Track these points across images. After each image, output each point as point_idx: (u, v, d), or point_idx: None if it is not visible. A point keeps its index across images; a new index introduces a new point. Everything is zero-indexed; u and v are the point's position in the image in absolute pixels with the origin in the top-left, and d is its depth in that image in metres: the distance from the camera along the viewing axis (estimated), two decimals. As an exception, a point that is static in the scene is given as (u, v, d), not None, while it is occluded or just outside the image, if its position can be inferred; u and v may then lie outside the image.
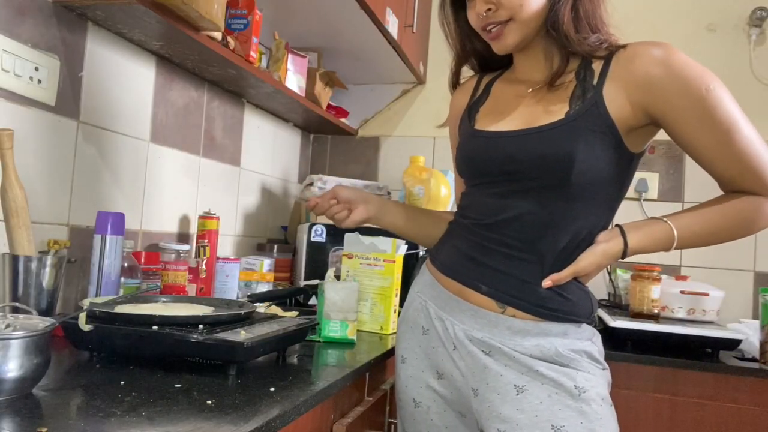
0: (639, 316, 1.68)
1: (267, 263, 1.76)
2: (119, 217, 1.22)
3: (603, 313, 1.77)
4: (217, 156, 1.86)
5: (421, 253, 1.75)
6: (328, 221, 1.87)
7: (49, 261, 1.10)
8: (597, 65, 0.99)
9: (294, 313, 1.20)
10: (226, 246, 1.91)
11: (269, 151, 2.21)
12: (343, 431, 1.03)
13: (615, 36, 1.00)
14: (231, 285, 1.61)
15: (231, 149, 1.94)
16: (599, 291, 2.10)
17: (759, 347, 1.60)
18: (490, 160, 1.02)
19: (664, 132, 0.99)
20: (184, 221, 1.71)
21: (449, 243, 1.10)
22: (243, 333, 0.96)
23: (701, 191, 2.15)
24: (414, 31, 2.14)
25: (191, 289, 1.50)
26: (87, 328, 0.94)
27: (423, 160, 2.08)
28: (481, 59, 1.15)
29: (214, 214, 1.61)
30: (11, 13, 1.14)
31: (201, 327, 0.95)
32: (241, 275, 1.68)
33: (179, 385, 0.85)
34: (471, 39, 1.11)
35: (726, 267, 2.13)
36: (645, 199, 2.20)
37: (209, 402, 0.79)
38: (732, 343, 1.59)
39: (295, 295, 1.65)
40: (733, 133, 0.91)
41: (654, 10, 2.24)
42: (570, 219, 0.97)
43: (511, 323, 0.98)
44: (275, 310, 1.22)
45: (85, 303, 1.03)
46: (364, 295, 1.46)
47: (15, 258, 1.07)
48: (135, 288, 1.28)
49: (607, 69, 0.97)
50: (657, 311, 1.68)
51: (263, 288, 1.73)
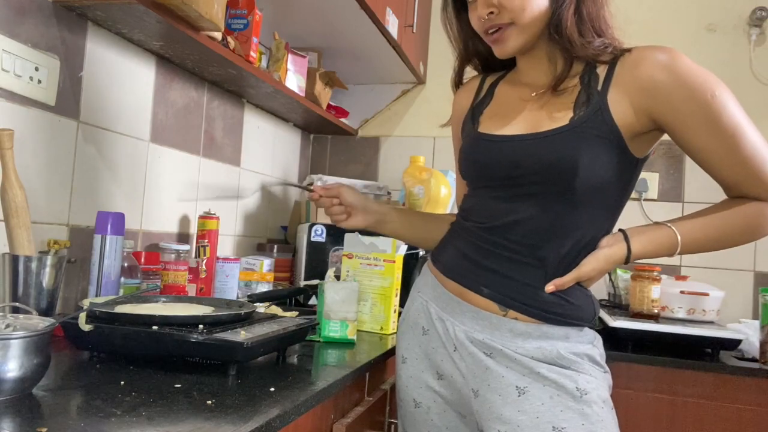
0: (639, 316, 1.68)
1: (267, 263, 1.76)
2: (119, 217, 1.22)
3: (603, 313, 1.76)
4: (217, 156, 1.86)
5: (422, 253, 1.75)
6: (328, 221, 1.88)
7: (49, 261, 1.10)
8: (602, 70, 0.98)
9: (294, 313, 1.20)
10: (226, 246, 1.91)
11: (269, 151, 2.21)
12: (343, 431, 1.03)
13: (619, 39, 0.98)
14: (231, 285, 1.61)
15: (231, 149, 1.94)
16: (599, 291, 2.10)
17: (759, 347, 1.60)
18: (494, 164, 1.02)
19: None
20: (184, 221, 1.71)
21: (451, 245, 1.10)
22: (243, 333, 0.96)
23: (701, 191, 2.15)
24: (414, 31, 2.14)
25: (191, 289, 1.50)
26: (87, 328, 0.94)
27: (423, 160, 2.08)
28: (484, 60, 1.15)
29: (214, 214, 1.61)
30: (11, 13, 1.14)
31: (201, 327, 0.95)
32: (241, 275, 1.68)
33: (179, 385, 0.85)
34: (473, 40, 1.11)
35: (726, 267, 2.13)
36: (645, 199, 2.20)
37: (209, 402, 0.79)
38: (732, 343, 1.59)
39: (295, 295, 1.65)
40: (739, 139, 0.91)
41: (654, 10, 2.24)
42: (573, 224, 0.97)
43: (513, 326, 0.98)
44: (275, 310, 1.22)
45: (85, 303, 1.03)
46: (364, 295, 1.46)
47: (15, 258, 1.07)
48: (135, 288, 1.28)
49: (612, 74, 0.96)
50: (657, 311, 1.68)
51: (263, 288, 1.73)
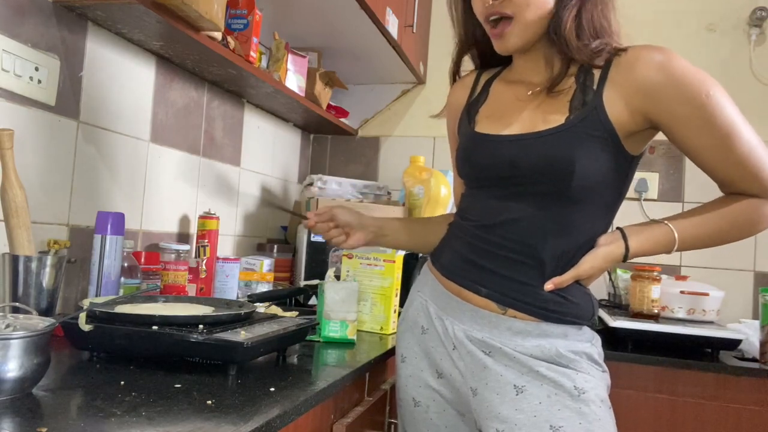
0: (639, 316, 1.68)
1: (267, 263, 1.76)
2: (119, 217, 1.22)
3: (603, 313, 1.76)
4: (217, 156, 1.86)
5: (421, 254, 1.75)
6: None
7: (49, 261, 1.10)
8: (597, 69, 0.98)
9: (294, 313, 1.20)
10: (226, 246, 1.91)
11: (269, 151, 2.21)
12: (343, 431, 1.03)
13: (618, 42, 0.98)
14: (231, 285, 1.61)
15: (231, 149, 1.94)
16: (599, 291, 2.10)
17: (759, 347, 1.60)
18: (491, 164, 1.02)
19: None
20: (184, 221, 1.71)
21: (449, 245, 1.10)
22: (243, 333, 0.96)
23: (701, 191, 2.15)
24: (414, 31, 2.14)
25: (191, 289, 1.50)
26: (87, 328, 0.94)
27: (423, 160, 2.08)
28: (482, 52, 1.14)
29: (214, 214, 1.61)
30: (11, 13, 1.14)
31: (201, 327, 0.95)
32: (241, 275, 1.68)
33: (179, 385, 0.85)
34: (475, 28, 1.10)
35: (726, 267, 2.13)
36: (645, 199, 2.20)
37: (209, 402, 0.79)
38: (732, 343, 1.59)
39: (295, 295, 1.65)
40: (734, 138, 0.91)
41: (654, 10, 2.24)
42: (570, 223, 0.97)
43: (512, 324, 0.98)
44: (275, 310, 1.22)
45: (85, 303, 1.03)
46: (364, 295, 1.46)
47: (15, 258, 1.07)
48: (135, 288, 1.28)
49: (607, 73, 0.96)
50: (657, 311, 1.68)
51: (263, 288, 1.73)
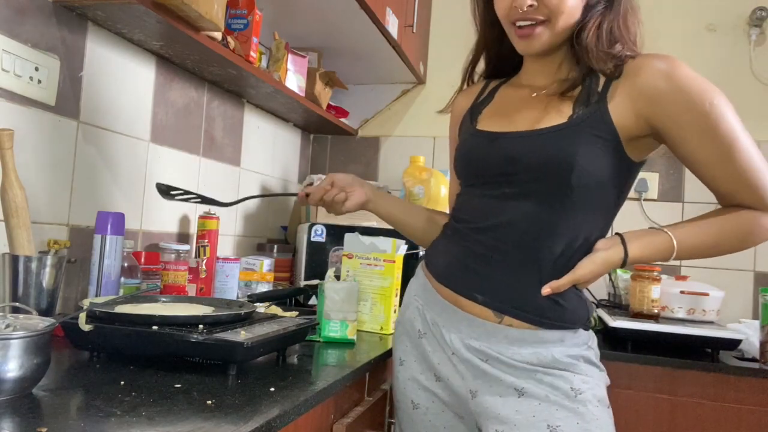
0: (639, 316, 1.67)
1: (267, 263, 1.76)
2: (119, 217, 1.22)
3: (603, 313, 1.76)
4: (217, 156, 1.86)
5: (421, 253, 1.75)
6: (328, 221, 1.88)
7: (49, 261, 1.10)
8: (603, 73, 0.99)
9: (294, 313, 1.20)
10: (226, 246, 1.91)
11: (269, 151, 2.21)
12: (343, 431, 1.03)
13: (633, 51, 0.98)
14: (231, 285, 1.61)
15: (231, 149, 1.94)
16: (599, 291, 2.10)
17: (759, 347, 1.60)
18: (489, 159, 1.01)
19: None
20: (184, 221, 1.71)
21: (443, 248, 1.10)
22: (243, 333, 0.96)
23: (701, 191, 2.12)
24: (414, 31, 2.14)
25: (191, 289, 1.50)
26: (87, 328, 0.94)
27: (423, 160, 2.08)
28: (495, 57, 1.13)
29: (214, 214, 1.61)
30: (11, 13, 1.14)
31: (201, 327, 0.95)
32: (241, 275, 1.68)
33: (179, 385, 0.85)
34: (493, 29, 1.08)
35: (726, 267, 2.13)
36: (645, 199, 2.20)
37: (209, 402, 0.79)
38: (732, 343, 1.58)
39: (295, 295, 1.65)
40: (735, 148, 0.92)
41: (654, 10, 2.23)
42: (567, 224, 0.97)
43: (508, 332, 0.98)
44: (275, 310, 1.22)
45: (85, 303, 1.03)
46: (364, 295, 1.46)
47: (15, 258, 1.07)
48: (135, 288, 1.28)
49: (614, 78, 0.97)
50: (657, 311, 1.68)
51: (263, 288, 1.73)
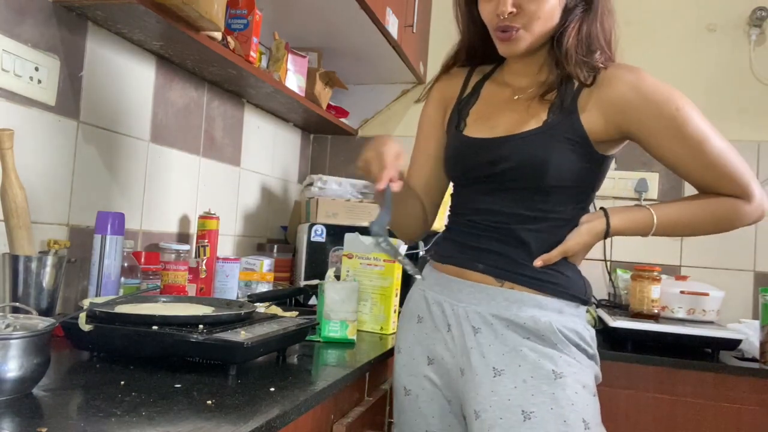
0: (639, 316, 1.68)
1: (267, 263, 1.76)
2: (119, 217, 1.22)
3: (603, 313, 1.77)
4: (217, 156, 1.86)
5: (421, 253, 1.75)
6: (328, 221, 1.89)
7: (49, 261, 1.10)
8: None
9: (294, 313, 1.20)
10: (226, 246, 1.91)
11: (269, 151, 2.21)
12: (343, 431, 1.04)
13: (610, 57, 1.04)
14: (231, 285, 1.61)
15: (231, 149, 1.94)
16: (599, 291, 2.10)
17: (759, 347, 1.60)
18: (476, 165, 1.08)
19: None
20: (184, 221, 1.71)
21: (445, 237, 1.16)
22: (243, 333, 0.96)
23: (701, 191, 2.14)
24: (414, 31, 2.14)
25: (191, 289, 1.50)
26: (87, 328, 0.94)
27: (423, 160, 2.07)
28: (477, 49, 1.15)
29: (214, 214, 1.61)
30: (11, 13, 1.14)
31: (201, 327, 0.95)
32: (241, 275, 1.68)
33: (179, 385, 0.85)
34: (475, 27, 1.12)
35: (726, 267, 2.13)
36: (645, 199, 2.20)
37: (209, 402, 0.79)
38: (732, 343, 1.59)
39: (295, 295, 1.65)
40: (705, 145, 0.99)
41: (654, 10, 2.24)
42: (545, 211, 1.04)
43: (509, 294, 1.03)
44: (275, 310, 1.22)
45: (85, 303, 1.03)
46: (364, 295, 1.46)
47: (15, 258, 1.07)
48: (135, 288, 1.28)
49: (585, 85, 1.02)
50: (657, 311, 1.68)
51: (263, 288, 1.73)
